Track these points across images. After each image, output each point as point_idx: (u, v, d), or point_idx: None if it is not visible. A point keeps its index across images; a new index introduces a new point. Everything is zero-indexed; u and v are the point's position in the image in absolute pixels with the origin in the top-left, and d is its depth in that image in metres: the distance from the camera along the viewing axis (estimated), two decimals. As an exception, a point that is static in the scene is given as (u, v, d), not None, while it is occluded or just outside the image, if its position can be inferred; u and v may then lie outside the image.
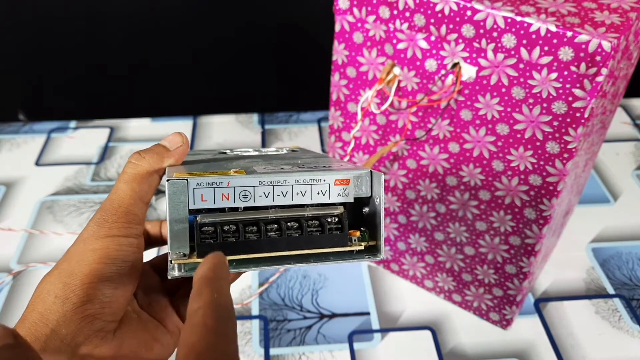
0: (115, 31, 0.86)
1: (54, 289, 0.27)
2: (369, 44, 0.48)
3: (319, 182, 0.29)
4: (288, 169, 0.29)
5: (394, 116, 0.50)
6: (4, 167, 0.76)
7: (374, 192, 0.30)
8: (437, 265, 0.58)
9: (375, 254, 0.30)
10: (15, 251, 0.64)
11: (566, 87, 0.40)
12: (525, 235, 0.49)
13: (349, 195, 0.30)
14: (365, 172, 0.30)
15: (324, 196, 0.29)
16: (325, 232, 0.29)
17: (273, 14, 0.86)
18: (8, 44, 0.86)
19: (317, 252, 0.29)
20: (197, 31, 0.87)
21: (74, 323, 0.27)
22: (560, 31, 0.39)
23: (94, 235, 0.28)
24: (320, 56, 0.67)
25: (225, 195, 0.28)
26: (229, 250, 0.28)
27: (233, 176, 0.28)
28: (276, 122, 0.85)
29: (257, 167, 0.30)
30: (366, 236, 0.30)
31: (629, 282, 0.62)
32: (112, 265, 0.28)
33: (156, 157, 0.31)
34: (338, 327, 0.57)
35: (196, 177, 0.27)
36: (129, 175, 0.30)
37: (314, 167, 0.30)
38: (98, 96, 0.92)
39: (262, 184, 0.28)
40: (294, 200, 0.29)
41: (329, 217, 0.29)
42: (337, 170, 0.29)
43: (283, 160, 0.34)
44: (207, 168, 0.30)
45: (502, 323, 0.57)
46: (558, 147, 0.43)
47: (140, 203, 0.30)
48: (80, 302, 0.27)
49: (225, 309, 0.23)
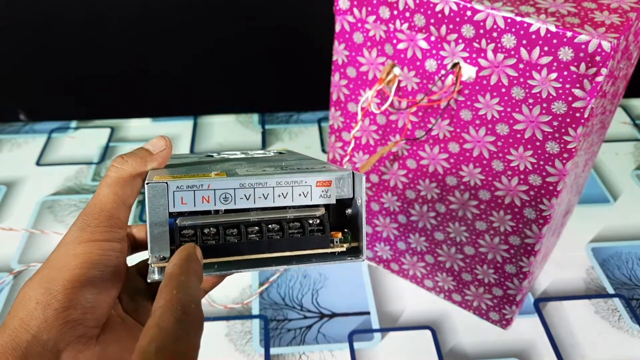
0: (116, 31, 0.86)
1: (36, 294, 0.27)
2: (369, 44, 0.48)
3: (300, 183, 0.29)
4: (270, 171, 0.29)
5: (394, 116, 0.50)
6: (5, 167, 0.76)
7: (355, 193, 0.30)
8: (437, 265, 0.58)
9: (358, 255, 0.30)
10: (16, 251, 0.64)
11: (566, 87, 0.40)
12: (525, 235, 0.49)
13: (330, 197, 0.29)
14: (347, 174, 0.29)
15: (305, 198, 0.29)
16: (307, 234, 0.29)
17: (274, 15, 0.86)
18: (8, 43, 0.86)
19: (299, 254, 0.29)
20: (198, 31, 0.87)
21: (55, 329, 0.26)
22: (560, 31, 0.39)
23: (76, 239, 0.28)
24: (320, 56, 0.67)
25: (206, 198, 0.28)
26: (209, 253, 0.28)
27: (213, 179, 0.27)
28: (276, 122, 0.85)
29: (239, 169, 0.30)
30: (348, 237, 0.30)
31: (628, 282, 0.62)
32: (95, 270, 0.28)
33: (139, 161, 0.30)
34: (338, 326, 0.57)
35: (176, 179, 0.27)
36: (111, 179, 0.29)
37: (296, 168, 0.30)
38: (99, 96, 0.92)
39: (242, 187, 0.28)
40: (275, 202, 0.28)
41: (310, 219, 0.29)
42: (318, 172, 0.29)
43: (268, 162, 0.34)
44: (189, 171, 0.30)
45: (502, 323, 0.57)
46: (558, 147, 0.43)
47: (123, 207, 0.29)
48: (62, 308, 0.26)
49: (184, 306, 0.22)
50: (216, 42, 0.88)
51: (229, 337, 0.56)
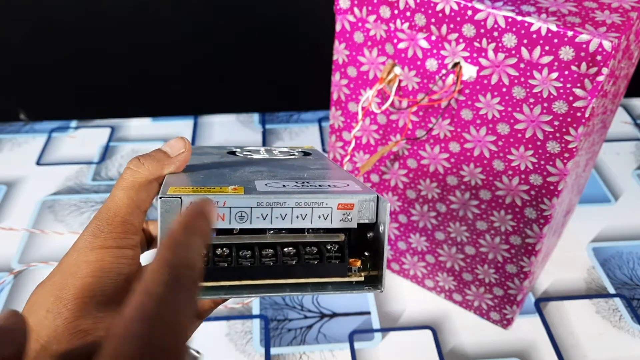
0: (117, 31, 0.86)
1: (46, 302, 0.26)
2: (369, 43, 0.48)
3: (320, 205, 0.27)
4: (290, 187, 0.28)
5: (395, 116, 0.50)
6: (5, 167, 0.76)
7: (379, 218, 0.28)
8: (437, 265, 0.58)
9: (377, 284, 0.28)
10: (16, 251, 0.64)
11: (567, 86, 0.40)
12: (525, 235, 0.49)
13: (352, 221, 0.28)
14: (371, 197, 0.28)
15: (325, 220, 0.27)
16: (324, 261, 0.27)
17: (274, 14, 0.86)
18: (9, 43, 0.86)
19: (315, 281, 0.28)
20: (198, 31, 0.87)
21: (65, 339, 0.25)
22: (561, 31, 0.39)
23: (88, 246, 0.27)
24: (320, 56, 0.67)
25: (221, 216, 0.26)
26: (221, 276, 0.26)
27: (230, 195, 0.26)
28: (277, 122, 0.85)
29: (258, 182, 0.28)
30: (368, 265, 0.28)
31: (629, 282, 0.62)
32: (107, 278, 0.27)
33: (156, 164, 0.29)
34: (339, 326, 0.57)
35: (190, 194, 0.26)
36: (126, 183, 0.28)
37: (317, 185, 0.28)
38: (99, 96, 0.92)
39: (260, 205, 0.26)
40: (293, 223, 0.27)
41: (328, 245, 0.28)
42: (340, 194, 0.27)
43: (290, 170, 0.33)
44: (208, 178, 0.29)
45: (503, 323, 0.57)
46: (559, 146, 0.43)
47: (138, 212, 0.29)
48: (72, 317, 0.25)
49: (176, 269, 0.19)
50: (216, 41, 0.88)
51: (229, 336, 0.56)
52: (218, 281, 0.27)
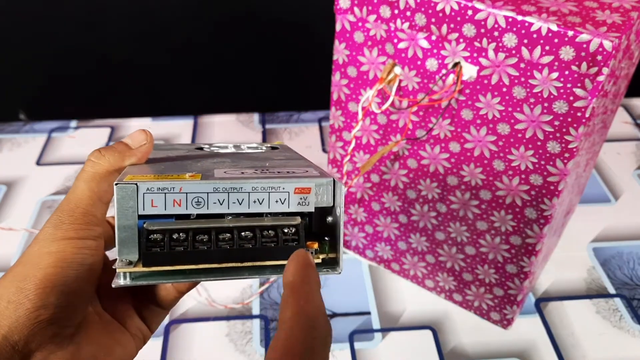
0: (116, 31, 0.86)
1: (7, 293, 0.26)
2: (369, 43, 0.48)
3: (277, 190, 0.27)
4: (248, 174, 0.28)
5: (395, 116, 0.50)
6: (5, 167, 0.76)
7: (335, 202, 0.28)
8: (437, 265, 0.58)
9: (334, 267, 0.28)
10: (16, 251, 0.64)
11: (567, 86, 0.40)
12: (526, 235, 0.49)
13: (309, 205, 0.28)
14: (326, 181, 0.28)
15: (282, 205, 0.27)
16: (281, 244, 0.28)
17: (274, 14, 0.86)
18: (8, 44, 0.86)
19: (273, 264, 0.28)
20: (199, 31, 0.87)
21: (26, 329, 0.25)
22: (562, 30, 0.39)
23: (50, 237, 0.27)
24: (321, 56, 0.67)
25: (177, 202, 0.26)
26: (177, 260, 0.27)
27: (186, 181, 0.26)
28: (277, 122, 0.85)
29: (218, 170, 0.28)
30: (326, 248, 0.29)
31: (629, 282, 0.62)
32: (69, 269, 0.27)
33: (117, 156, 0.29)
34: (339, 326, 0.57)
35: (147, 181, 0.26)
36: (87, 174, 0.29)
37: (276, 172, 0.28)
38: (99, 96, 0.92)
39: (216, 191, 0.26)
40: (250, 208, 0.27)
41: (285, 228, 0.28)
42: (297, 178, 0.28)
43: (254, 161, 0.33)
44: (168, 169, 0.29)
45: (503, 323, 0.57)
46: (559, 146, 0.43)
47: (99, 203, 0.29)
48: (33, 308, 0.26)
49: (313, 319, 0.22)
50: (217, 41, 0.88)
51: (229, 337, 0.56)
52: (174, 265, 0.27)
